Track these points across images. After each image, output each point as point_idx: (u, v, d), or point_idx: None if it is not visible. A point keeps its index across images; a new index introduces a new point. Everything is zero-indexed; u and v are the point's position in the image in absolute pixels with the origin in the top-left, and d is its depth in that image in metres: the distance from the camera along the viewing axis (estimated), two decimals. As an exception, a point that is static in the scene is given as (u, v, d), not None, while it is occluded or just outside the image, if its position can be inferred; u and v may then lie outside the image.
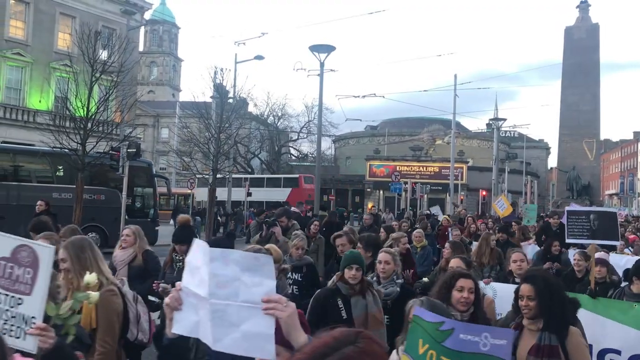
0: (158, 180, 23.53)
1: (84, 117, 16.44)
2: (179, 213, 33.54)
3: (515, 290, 3.69)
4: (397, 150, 59.19)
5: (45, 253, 2.51)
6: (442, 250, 11.26)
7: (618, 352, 4.99)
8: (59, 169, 19.38)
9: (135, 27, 33.86)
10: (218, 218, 29.59)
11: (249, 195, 34.80)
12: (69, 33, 31.37)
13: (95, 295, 3.07)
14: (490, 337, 2.55)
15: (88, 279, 3.25)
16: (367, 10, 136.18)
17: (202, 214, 30.96)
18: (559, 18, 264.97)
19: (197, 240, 2.12)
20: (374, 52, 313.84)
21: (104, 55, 18.75)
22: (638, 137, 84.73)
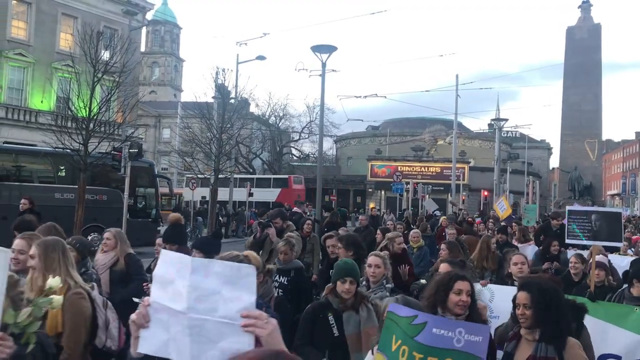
0: (160, 181, 23.56)
1: (86, 117, 16.45)
2: (179, 213, 33.67)
3: (513, 299, 3.60)
4: (398, 151, 59.19)
5: (0, 257, 2.25)
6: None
7: (619, 357, 4.86)
8: (61, 169, 19.40)
9: (137, 27, 33.90)
10: (219, 218, 29.60)
11: (251, 196, 34.82)
12: (71, 33, 31.42)
13: (59, 300, 2.89)
14: (465, 332, 2.41)
15: (51, 283, 3.05)
16: (368, 11, 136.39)
17: (203, 214, 30.96)
18: (561, 18, 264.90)
19: (164, 252, 1.97)
20: (376, 52, 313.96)
21: (106, 56, 18.76)
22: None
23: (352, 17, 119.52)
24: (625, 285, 6.49)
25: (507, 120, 37.87)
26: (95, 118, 16.78)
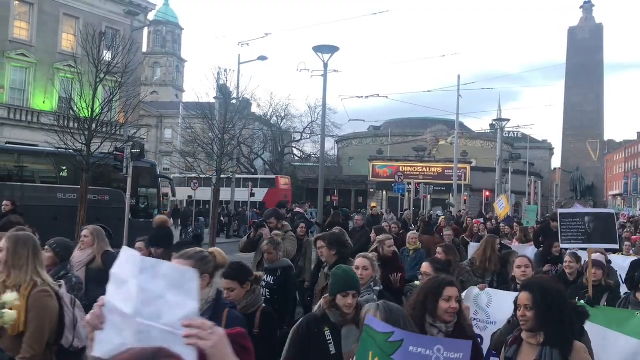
0: (162, 181, 23.57)
1: (89, 117, 16.48)
2: (179, 213, 33.69)
3: (515, 300, 3.44)
4: (400, 151, 59.14)
5: None
6: None
7: None
8: (63, 170, 19.43)
9: (139, 28, 33.95)
10: (221, 218, 29.62)
11: (252, 196, 34.82)
12: (73, 34, 31.47)
13: (11, 315, 2.83)
14: (444, 350, 2.26)
15: (6, 299, 2.96)
16: (370, 11, 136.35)
17: (205, 215, 31.00)
18: (563, 18, 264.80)
19: (125, 248, 1.84)
20: (378, 52, 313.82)
21: (108, 56, 18.79)
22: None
23: (353, 17, 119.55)
24: (624, 289, 6.39)
25: (509, 121, 37.93)
26: (98, 118, 16.80)
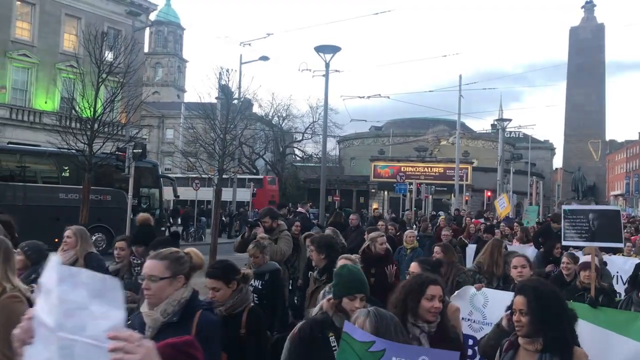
0: (164, 181, 23.59)
1: (91, 117, 16.49)
2: (178, 214, 33.65)
3: (509, 305, 3.29)
4: (401, 151, 59.13)
5: None
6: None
7: None
8: (65, 170, 19.47)
9: (141, 28, 33.97)
10: (223, 219, 29.61)
11: (254, 196, 34.81)
12: (75, 34, 31.50)
13: None
14: None
15: None
16: (372, 11, 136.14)
17: (206, 215, 30.99)
18: (564, 18, 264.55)
19: (51, 255, 1.70)
20: (379, 52, 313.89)
21: (110, 57, 18.80)
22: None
23: (355, 17, 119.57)
24: (622, 290, 6.38)
25: (510, 121, 37.93)
26: (100, 118, 16.82)
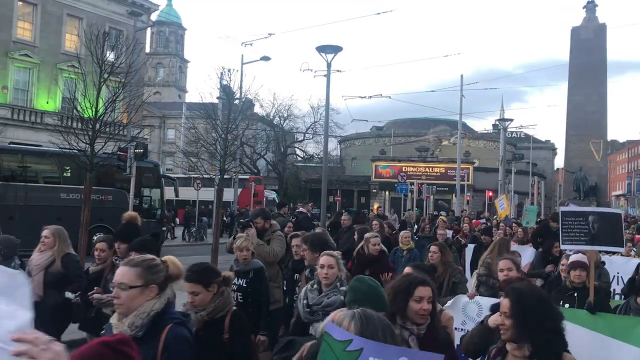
0: (165, 181, 23.60)
1: (92, 117, 16.49)
2: (176, 214, 33.63)
3: (496, 305, 3.19)
4: (403, 151, 59.11)
5: None
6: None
7: None
8: (66, 170, 19.46)
9: (142, 28, 33.99)
10: (224, 219, 29.60)
11: (255, 196, 34.76)
12: (76, 34, 31.51)
13: None
14: None
15: None
16: (374, 11, 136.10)
17: (208, 215, 31.01)
18: (566, 18, 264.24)
19: None
20: (381, 52, 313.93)
21: (112, 57, 18.81)
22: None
23: (357, 17, 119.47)
24: (617, 291, 6.25)
25: (511, 121, 37.79)
26: (102, 118, 16.83)
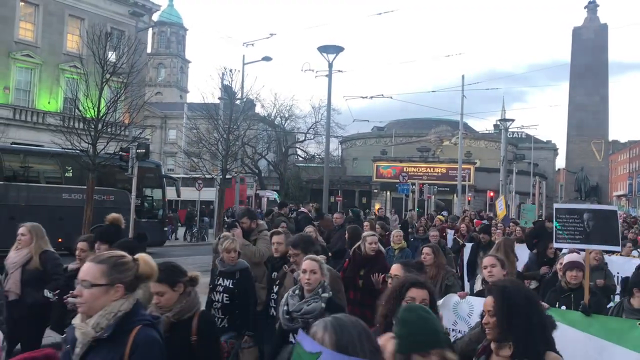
0: (167, 182, 23.63)
1: (95, 118, 16.54)
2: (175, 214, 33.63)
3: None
4: (404, 151, 59.09)
5: None
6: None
7: None
8: (68, 170, 19.50)
9: (143, 28, 34.04)
10: (225, 218, 29.61)
11: (256, 197, 34.79)
12: (78, 35, 31.56)
13: None
14: None
15: None
16: (375, 11, 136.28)
17: (210, 215, 31.04)
18: (567, 18, 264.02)
19: None
20: (382, 52, 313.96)
21: (113, 57, 18.85)
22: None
23: (358, 17, 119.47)
24: (618, 296, 6.04)
25: (513, 121, 37.77)
26: (104, 119, 16.86)
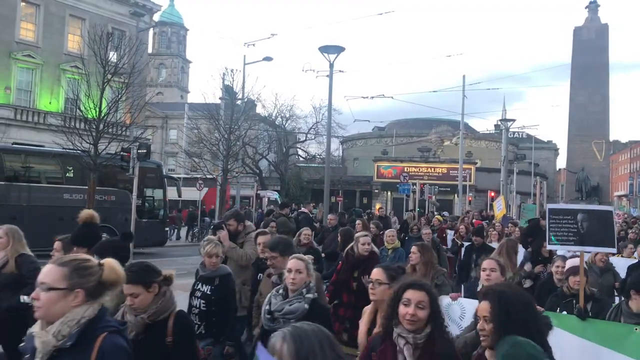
0: (168, 182, 23.64)
1: (96, 118, 16.55)
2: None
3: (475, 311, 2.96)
4: (405, 152, 59.10)
5: None
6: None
7: None
8: (69, 170, 19.51)
9: (144, 29, 34.03)
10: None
11: (256, 197, 34.81)
12: (79, 35, 31.60)
13: None
14: None
15: None
16: (376, 11, 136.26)
17: (211, 215, 31.06)
18: (568, 18, 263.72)
19: None
20: (383, 52, 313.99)
21: (115, 57, 18.87)
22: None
23: (359, 17, 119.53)
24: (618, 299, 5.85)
25: (514, 121, 37.74)
26: (105, 119, 16.88)
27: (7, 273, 5.14)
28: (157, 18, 50.86)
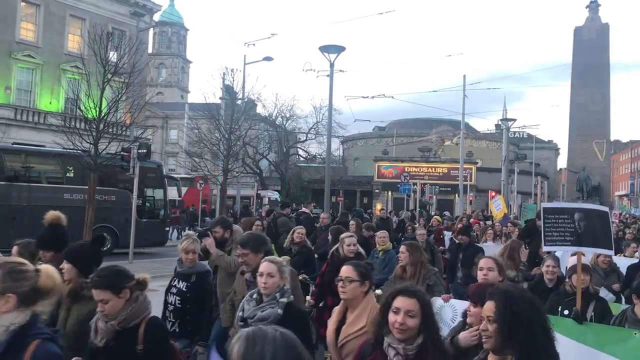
0: (168, 182, 23.63)
1: (96, 118, 16.52)
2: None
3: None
4: (405, 151, 59.08)
5: None
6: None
7: None
8: (70, 170, 19.49)
9: (145, 28, 34.01)
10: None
11: (257, 196, 34.77)
12: (79, 35, 31.59)
13: None
14: None
15: None
16: (376, 11, 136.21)
17: (212, 215, 31.01)
18: (569, 18, 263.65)
19: None
20: (383, 52, 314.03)
21: (115, 57, 18.84)
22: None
23: (359, 17, 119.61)
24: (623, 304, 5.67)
25: (514, 121, 37.65)
26: (105, 119, 16.85)
27: None
28: (157, 18, 50.91)
